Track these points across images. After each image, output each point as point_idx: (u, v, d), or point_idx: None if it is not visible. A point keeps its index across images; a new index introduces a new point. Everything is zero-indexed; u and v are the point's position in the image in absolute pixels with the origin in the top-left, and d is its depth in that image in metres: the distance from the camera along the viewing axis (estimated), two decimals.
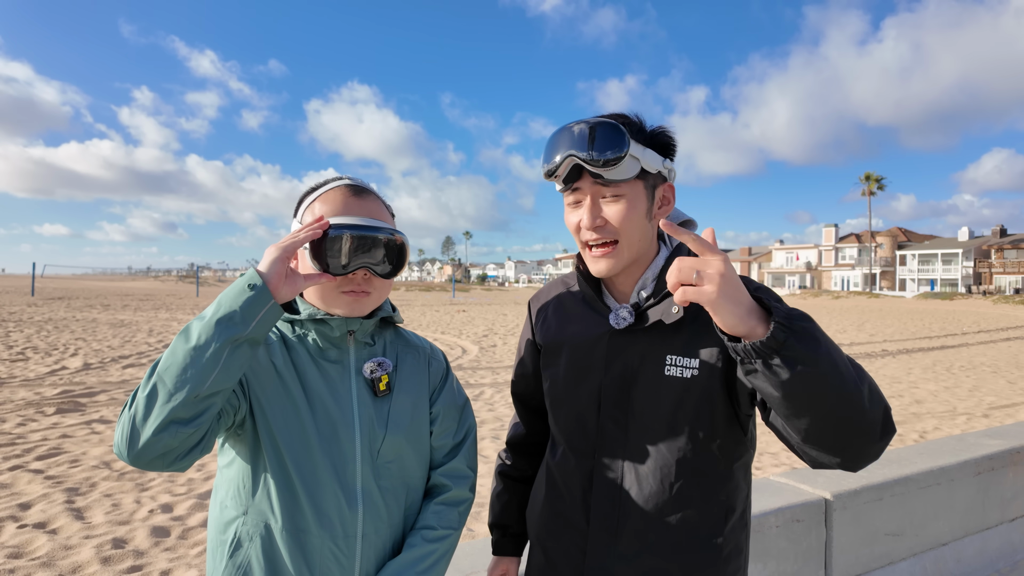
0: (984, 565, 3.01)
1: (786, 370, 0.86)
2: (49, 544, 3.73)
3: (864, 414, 0.90)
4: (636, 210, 1.12)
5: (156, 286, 71.69)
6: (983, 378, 10.86)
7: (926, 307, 40.48)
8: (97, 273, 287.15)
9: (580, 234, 1.16)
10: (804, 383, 0.87)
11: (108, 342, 13.75)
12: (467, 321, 22.56)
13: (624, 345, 1.17)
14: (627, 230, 1.12)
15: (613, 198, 1.11)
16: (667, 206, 1.19)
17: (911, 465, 2.84)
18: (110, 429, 6.45)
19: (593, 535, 1.19)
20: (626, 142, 1.07)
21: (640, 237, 1.15)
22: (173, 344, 0.97)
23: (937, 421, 7.56)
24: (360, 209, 1.18)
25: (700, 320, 1.11)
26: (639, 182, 1.12)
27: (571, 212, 1.16)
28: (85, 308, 25.12)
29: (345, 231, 1.12)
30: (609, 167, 1.07)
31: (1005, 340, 18.17)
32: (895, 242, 78.02)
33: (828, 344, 0.89)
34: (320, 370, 1.18)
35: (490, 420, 7.26)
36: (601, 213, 1.12)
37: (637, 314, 1.17)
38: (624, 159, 1.07)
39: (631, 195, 1.11)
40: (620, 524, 1.16)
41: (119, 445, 0.98)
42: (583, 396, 1.22)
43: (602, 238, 1.13)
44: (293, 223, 1.22)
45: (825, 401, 0.88)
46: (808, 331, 0.87)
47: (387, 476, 1.19)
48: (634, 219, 1.12)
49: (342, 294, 1.17)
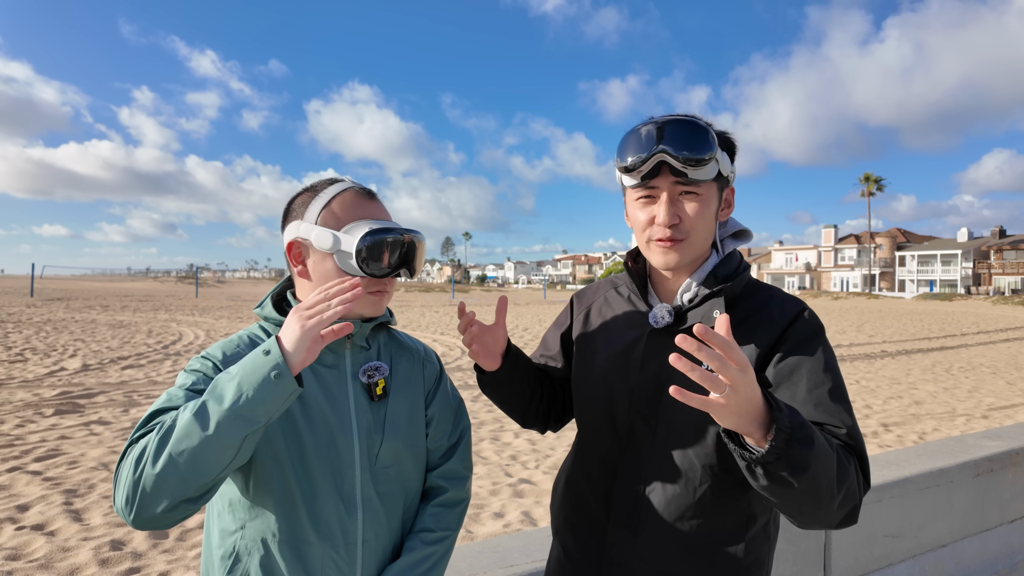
0: (983, 567, 3.00)
1: (766, 479, 0.89)
2: (47, 546, 3.72)
3: (827, 517, 0.96)
4: (709, 210, 1.14)
5: (155, 287, 71.63)
6: (982, 379, 10.86)
7: (925, 308, 40.49)
8: (96, 274, 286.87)
9: (650, 230, 1.15)
10: (779, 492, 0.91)
11: (107, 343, 13.74)
12: None
13: (662, 345, 1.17)
14: (698, 229, 1.14)
15: (691, 196, 1.12)
16: (729, 208, 1.22)
17: (910, 467, 2.83)
18: (109, 431, 6.44)
19: (612, 531, 1.19)
20: (713, 143, 1.09)
21: (706, 236, 1.16)
22: (187, 424, 0.92)
23: (936, 422, 7.56)
24: (381, 212, 1.19)
25: (742, 329, 1.12)
26: (714, 183, 1.15)
27: (641, 208, 1.16)
28: (84, 309, 25.10)
29: (393, 234, 1.14)
30: (698, 167, 1.09)
31: (1004, 341, 18.18)
32: (894, 243, 78.06)
33: (816, 465, 0.89)
34: (317, 376, 1.17)
35: (489, 421, 7.26)
36: (678, 211, 1.13)
37: (677, 315, 1.18)
38: (711, 160, 1.09)
39: (707, 195, 1.13)
40: (641, 523, 1.17)
41: (121, 508, 0.95)
42: (616, 392, 1.22)
43: (674, 236, 1.13)
44: (302, 226, 1.17)
45: (795, 503, 0.93)
46: (800, 457, 0.87)
47: (386, 481, 1.19)
48: (707, 218, 1.14)
49: (368, 294, 1.17)
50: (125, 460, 0.96)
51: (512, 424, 7.14)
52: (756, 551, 1.16)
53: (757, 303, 1.15)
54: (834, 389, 1.05)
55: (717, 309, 1.12)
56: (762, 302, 1.15)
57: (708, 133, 1.09)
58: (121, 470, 0.95)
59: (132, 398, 8.03)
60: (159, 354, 12.23)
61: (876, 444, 6.48)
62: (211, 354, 1.13)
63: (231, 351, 1.14)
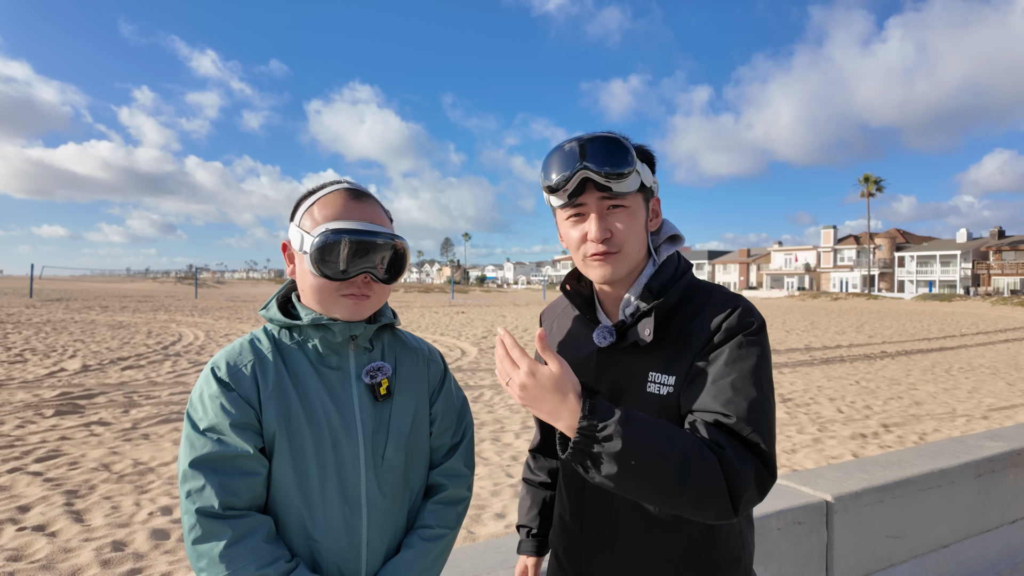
0: (985, 567, 3.01)
1: (585, 473, 0.97)
2: (48, 547, 3.72)
3: (682, 511, 0.99)
4: (638, 221, 1.17)
5: (155, 287, 71.59)
6: (982, 379, 10.87)
7: (924, 308, 40.51)
8: (96, 275, 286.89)
9: (583, 247, 1.17)
10: (607, 485, 0.96)
11: (107, 344, 13.73)
12: (466, 323, 22.55)
13: (611, 361, 1.21)
14: (630, 240, 1.16)
15: (618, 210, 1.15)
16: (656, 218, 1.25)
17: (911, 467, 2.84)
18: (109, 431, 6.44)
19: (586, 542, 1.24)
20: (632, 156, 1.12)
21: (639, 247, 1.19)
22: None
23: (937, 423, 7.57)
24: (360, 213, 1.17)
25: (680, 338, 1.14)
26: (639, 195, 1.17)
27: (573, 227, 1.18)
28: (83, 310, 25.08)
29: (344, 236, 1.12)
30: (621, 180, 1.11)
31: (1004, 342, 18.19)
32: (893, 244, 78.10)
33: (633, 462, 0.93)
34: (321, 377, 1.17)
35: (490, 422, 7.26)
36: (608, 225, 1.15)
37: (620, 333, 1.20)
38: (632, 173, 1.12)
39: (634, 207, 1.16)
40: (612, 533, 1.21)
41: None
42: None
43: (608, 249, 1.15)
44: (291, 227, 1.20)
45: (632, 495, 0.98)
46: (604, 456, 0.93)
47: (390, 481, 1.19)
48: (636, 229, 1.17)
49: (342, 297, 1.15)
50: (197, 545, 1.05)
51: (513, 425, 7.15)
52: (728, 550, 1.18)
53: (694, 309, 1.17)
54: (737, 380, 1.06)
55: (647, 328, 1.14)
56: (699, 307, 1.16)
57: (627, 148, 1.12)
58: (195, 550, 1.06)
59: (132, 399, 8.03)
60: (159, 355, 12.22)
61: (876, 445, 6.49)
62: (217, 366, 1.13)
63: (234, 360, 1.14)
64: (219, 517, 1.04)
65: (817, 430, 7.13)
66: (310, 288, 1.16)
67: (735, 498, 0.96)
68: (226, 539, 1.03)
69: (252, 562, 1.03)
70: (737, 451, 0.99)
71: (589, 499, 1.23)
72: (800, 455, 6.09)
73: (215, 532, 1.03)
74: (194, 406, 1.11)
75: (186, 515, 1.05)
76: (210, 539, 1.03)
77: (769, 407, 1.06)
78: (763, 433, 1.02)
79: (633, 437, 0.93)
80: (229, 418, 1.08)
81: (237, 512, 1.06)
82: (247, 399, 1.11)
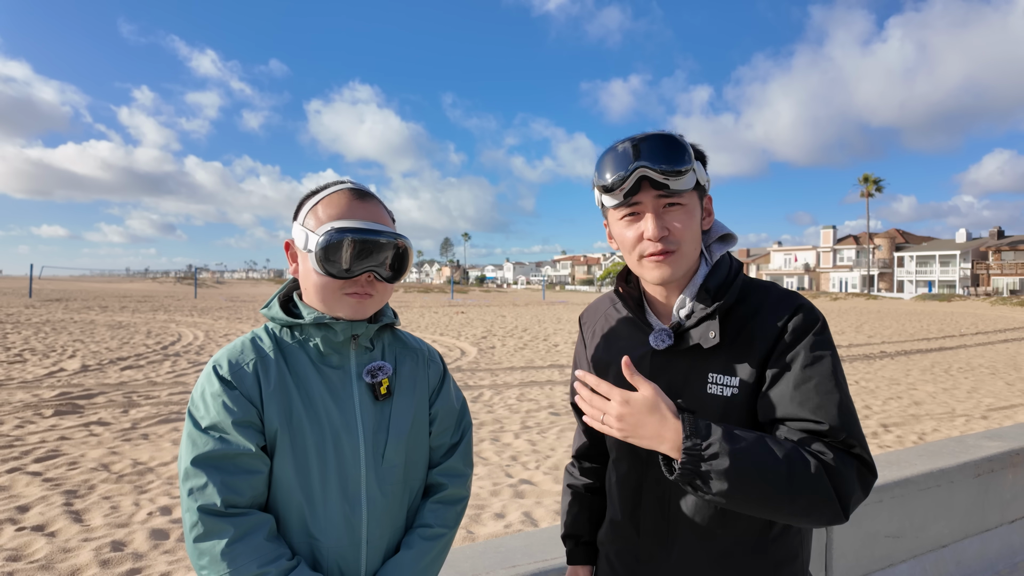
0: (984, 567, 3.01)
1: (695, 493, 1.00)
2: (48, 547, 3.72)
3: (792, 519, 1.01)
4: (694, 219, 1.16)
5: (154, 287, 71.57)
6: (981, 379, 10.88)
7: (924, 308, 40.54)
8: (95, 275, 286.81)
9: (640, 246, 1.16)
10: (718, 502, 0.99)
11: (106, 344, 13.73)
12: (466, 323, 22.55)
13: (667, 364, 1.19)
14: (687, 238, 1.15)
15: (675, 208, 1.14)
16: (710, 216, 1.24)
17: (911, 467, 2.84)
18: (108, 431, 6.44)
19: (643, 544, 1.23)
20: (689, 154, 1.12)
21: (695, 246, 1.18)
22: None
23: (936, 423, 7.57)
24: (363, 213, 1.17)
25: (740, 339, 1.13)
26: (694, 193, 1.16)
27: (628, 227, 1.17)
28: (83, 310, 25.07)
29: (348, 235, 1.12)
30: (679, 177, 1.11)
31: (1003, 342, 18.20)
32: (893, 244, 78.14)
33: (741, 477, 0.97)
34: (322, 376, 1.17)
35: (489, 422, 7.26)
36: (666, 223, 1.14)
37: (677, 335, 1.19)
38: (689, 170, 1.12)
39: (690, 205, 1.15)
40: (670, 538, 1.20)
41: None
42: None
43: (665, 248, 1.14)
44: (295, 226, 1.21)
45: (744, 508, 1.01)
46: (713, 474, 0.97)
47: (390, 480, 1.19)
48: (693, 227, 1.16)
49: (345, 296, 1.16)
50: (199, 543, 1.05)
51: (512, 425, 7.15)
52: (786, 546, 1.18)
53: (751, 308, 1.16)
54: (820, 384, 1.06)
55: (712, 331, 1.14)
56: (756, 306, 1.16)
57: (684, 145, 1.12)
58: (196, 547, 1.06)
59: (131, 399, 8.02)
60: (158, 355, 12.22)
61: (876, 445, 6.49)
62: (219, 364, 1.14)
63: (236, 358, 1.14)
64: (221, 515, 1.04)
65: None
66: (313, 286, 1.16)
67: (844, 502, 0.99)
68: (228, 537, 1.03)
69: (253, 560, 1.03)
70: (838, 456, 1.01)
71: (646, 500, 1.22)
72: None
73: (217, 530, 1.03)
74: (196, 404, 1.11)
75: (187, 513, 1.05)
76: (212, 537, 1.03)
77: (852, 406, 1.08)
78: (856, 434, 1.04)
79: (739, 453, 0.96)
80: (231, 416, 1.08)
81: (239, 510, 1.06)
82: (249, 397, 1.11)
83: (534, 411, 7.86)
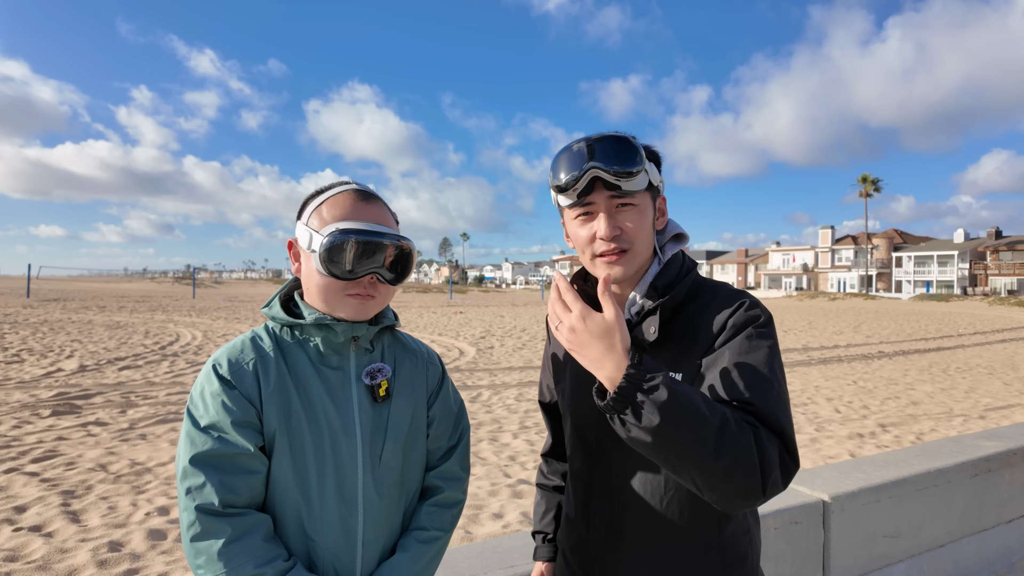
0: (981, 567, 3.01)
1: (623, 429, 0.95)
2: (45, 547, 3.71)
3: (714, 484, 0.95)
4: (647, 219, 1.18)
5: (152, 288, 71.50)
6: (979, 379, 10.89)
7: (922, 309, 40.59)
8: (93, 275, 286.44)
9: (593, 246, 1.18)
10: (642, 446, 0.95)
11: (104, 344, 13.71)
12: (464, 323, 22.55)
13: None
14: (639, 238, 1.17)
15: (627, 208, 1.16)
16: (663, 217, 1.26)
17: (908, 467, 2.84)
18: (106, 431, 6.42)
19: (593, 540, 1.24)
20: (641, 155, 1.13)
21: (647, 246, 1.19)
22: None
23: (934, 423, 7.58)
24: (368, 214, 1.18)
25: (686, 335, 1.15)
26: (647, 193, 1.18)
27: (581, 226, 1.19)
28: (81, 310, 25.04)
29: (352, 236, 1.12)
30: (630, 178, 1.12)
31: (1001, 342, 18.23)
32: (891, 244, 78.23)
33: (674, 419, 0.91)
34: (321, 377, 1.17)
35: (488, 422, 7.26)
36: (619, 223, 1.16)
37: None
38: (641, 172, 1.13)
39: (642, 205, 1.17)
40: (619, 531, 1.21)
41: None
42: (584, 411, 1.26)
43: (618, 247, 1.16)
44: (298, 225, 1.20)
45: (666, 462, 0.96)
46: (649, 407, 0.91)
47: (387, 482, 1.19)
48: (645, 227, 1.18)
49: (347, 296, 1.16)
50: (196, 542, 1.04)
51: (511, 425, 7.15)
52: (735, 548, 1.18)
53: (700, 306, 1.17)
54: (751, 369, 1.06)
55: (652, 327, 1.15)
56: (704, 304, 1.17)
57: (635, 146, 1.13)
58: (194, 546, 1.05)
59: (129, 399, 8.01)
60: (156, 355, 12.20)
61: (874, 444, 6.50)
62: (219, 363, 1.13)
63: (235, 357, 1.14)
64: (218, 515, 1.04)
65: (815, 430, 7.14)
66: (316, 287, 1.16)
67: (765, 476, 0.95)
68: (225, 537, 1.03)
69: (250, 560, 1.03)
70: (766, 432, 0.99)
71: (596, 497, 1.23)
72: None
73: (214, 529, 1.03)
74: (195, 403, 1.11)
75: (185, 512, 1.05)
76: (209, 536, 1.03)
77: (786, 395, 1.07)
78: (785, 422, 1.02)
79: (679, 393, 0.92)
80: (230, 416, 1.08)
81: (236, 510, 1.06)
82: (248, 397, 1.11)
83: (532, 411, 7.86)
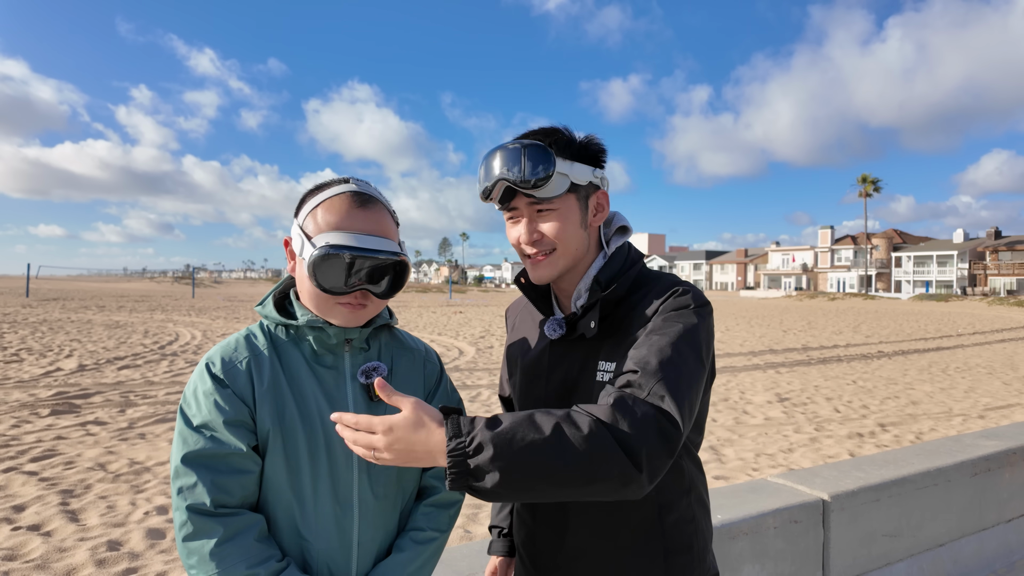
0: (981, 566, 3.01)
1: (482, 496, 0.90)
2: (44, 546, 3.71)
3: (583, 490, 0.91)
4: (569, 222, 1.18)
5: (152, 287, 71.47)
6: (978, 379, 10.90)
7: (921, 309, 40.61)
8: (92, 274, 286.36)
9: (520, 247, 1.21)
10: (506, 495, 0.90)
11: (103, 343, 13.70)
12: (464, 322, 22.54)
13: (563, 353, 1.23)
14: (563, 240, 1.18)
15: (547, 213, 1.17)
16: (602, 212, 1.25)
17: (908, 466, 2.84)
18: (105, 431, 6.42)
19: (540, 531, 1.26)
20: (552, 161, 1.12)
21: (577, 245, 1.20)
22: None
23: (933, 422, 7.58)
24: (364, 221, 1.13)
25: (624, 326, 1.15)
26: (571, 195, 1.17)
27: (511, 228, 1.22)
28: (80, 309, 25.02)
29: (344, 251, 1.09)
30: (538, 187, 1.12)
31: (1000, 341, 18.24)
32: (891, 244, 78.28)
33: (510, 460, 0.87)
34: (316, 376, 1.16)
35: None
36: (537, 228, 1.17)
37: (571, 325, 1.21)
38: (552, 178, 1.12)
39: (563, 209, 1.17)
40: (562, 521, 1.22)
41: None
42: (531, 403, 1.28)
43: (541, 250, 1.18)
44: (294, 224, 1.18)
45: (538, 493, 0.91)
46: (480, 467, 0.87)
47: (382, 482, 1.18)
48: (568, 230, 1.18)
49: (338, 305, 1.14)
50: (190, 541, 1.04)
51: None
52: (678, 536, 1.19)
53: (639, 298, 1.18)
54: (658, 341, 1.04)
55: (592, 320, 1.16)
56: (645, 294, 1.18)
57: (545, 151, 1.11)
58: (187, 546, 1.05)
59: (128, 398, 8.00)
60: (155, 354, 12.20)
61: (873, 444, 6.50)
62: (212, 361, 1.12)
63: (229, 356, 1.13)
64: (210, 515, 1.03)
65: (814, 429, 7.14)
66: (307, 292, 1.15)
67: (634, 456, 0.90)
68: (217, 537, 1.02)
69: (242, 560, 1.02)
70: (638, 406, 0.94)
71: None
72: (797, 454, 6.10)
73: (206, 529, 1.02)
74: (188, 402, 1.10)
75: (177, 512, 1.04)
76: (201, 536, 1.02)
77: (684, 369, 1.01)
78: (672, 389, 0.97)
79: (501, 436, 0.88)
80: (223, 415, 1.07)
81: (229, 510, 1.05)
82: (241, 396, 1.10)
83: None
